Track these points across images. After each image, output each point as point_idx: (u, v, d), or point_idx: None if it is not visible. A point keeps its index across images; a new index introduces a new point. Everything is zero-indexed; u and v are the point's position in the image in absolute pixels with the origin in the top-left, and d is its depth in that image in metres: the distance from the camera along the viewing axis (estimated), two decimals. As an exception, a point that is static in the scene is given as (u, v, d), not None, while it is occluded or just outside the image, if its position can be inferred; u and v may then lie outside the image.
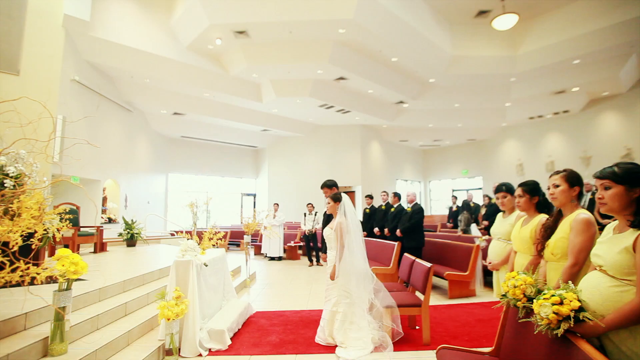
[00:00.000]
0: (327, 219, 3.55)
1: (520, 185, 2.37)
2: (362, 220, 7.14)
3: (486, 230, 5.85)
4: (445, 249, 5.16)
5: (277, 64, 10.00)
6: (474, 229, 6.27)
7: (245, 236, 5.50)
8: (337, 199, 3.08)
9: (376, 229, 6.43)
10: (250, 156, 17.05)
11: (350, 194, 15.95)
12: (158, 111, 11.88)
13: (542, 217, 2.20)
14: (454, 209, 8.94)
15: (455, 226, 7.68)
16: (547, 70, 11.40)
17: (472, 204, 7.34)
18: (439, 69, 11.29)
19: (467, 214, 6.04)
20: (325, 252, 3.27)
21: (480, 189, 16.80)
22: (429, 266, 3.12)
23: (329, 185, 3.79)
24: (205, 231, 3.98)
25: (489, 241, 3.96)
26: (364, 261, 2.88)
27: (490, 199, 6.90)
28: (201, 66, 9.82)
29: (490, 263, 2.63)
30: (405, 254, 3.78)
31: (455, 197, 9.53)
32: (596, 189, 1.57)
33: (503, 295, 1.77)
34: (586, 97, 13.00)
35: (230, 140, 15.38)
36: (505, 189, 2.64)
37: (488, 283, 5.08)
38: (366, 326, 2.76)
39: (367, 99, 12.88)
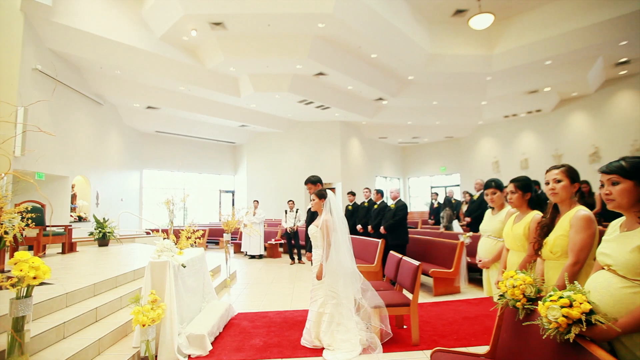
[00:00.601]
0: (311, 216, 3.43)
1: (513, 181, 2.32)
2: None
3: (469, 227, 5.90)
4: (429, 246, 5.15)
5: (255, 58, 9.75)
6: (456, 226, 6.32)
7: (224, 234, 5.29)
8: (322, 195, 2.97)
9: (359, 226, 6.37)
10: (228, 152, 16.67)
11: (331, 190, 15.90)
12: (131, 105, 11.36)
13: (536, 214, 2.17)
14: (435, 205, 8.98)
15: (437, 223, 7.72)
16: (521, 70, 11.71)
17: (453, 201, 7.40)
18: (417, 67, 11.37)
19: (449, 210, 6.07)
20: (309, 250, 3.15)
21: (458, 185, 17.15)
22: (417, 264, 3.06)
23: (313, 181, 3.66)
24: (183, 229, 3.77)
25: (473, 238, 3.96)
26: (351, 260, 2.78)
27: (471, 195, 6.98)
28: (176, 58, 9.44)
29: (480, 261, 2.58)
30: (391, 252, 3.71)
31: (437, 194, 9.62)
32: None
33: (501, 295, 1.70)
34: (557, 97, 13.45)
35: (208, 136, 14.97)
36: (494, 185, 2.59)
37: (472, 280, 5.16)
38: (354, 327, 2.66)
39: (346, 95, 12.82)
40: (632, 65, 11.87)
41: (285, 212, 8.22)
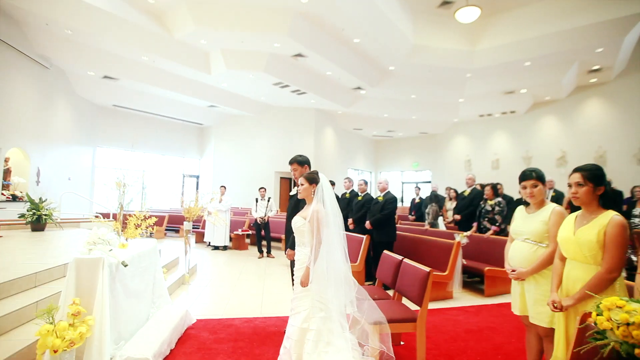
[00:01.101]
0: (296, 205, 2.89)
1: (579, 170, 1.81)
2: None
3: (457, 225, 5.54)
4: (418, 245, 4.63)
5: (230, 31, 8.88)
6: (441, 223, 5.96)
7: (185, 223, 4.59)
8: (313, 180, 2.38)
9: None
10: (194, 134, 15.57)
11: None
12: (84, 72, 10.08)
13: (615, 216, 1.69)
14: (417, 200, 8.60)
15: (419, 219, 7.35)
16: (501, 69, 11.61)
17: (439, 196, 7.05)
18: (399, 57, 10.96)
19: (435, 206, 5.67)
20: (292, 247, 2.57)
21: (429, 182, 17.10)
22: (428, 271, 2.53)
23: (301, 161, 3.02)
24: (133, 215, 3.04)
25: (470, 238, 3.54)
26: (346, 262, 2.21)
27: (457, 192, 6.65)
28: (139, 23, 8.38)
29: (513, 271, 2.08)
30: (388, 253, 3.18)
31: (419, 188, 9.27)
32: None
33: (598, 333, 1.21)
34: (531, 99, 13.58)
35: (173, 115, 13.82)
36: (535, 175, 2.07)
37: (467, 284, 4.77)
38: (347, 348, 2.11)
39: (324, 81, 12.20)
40: (602, 74, 12.13)
41: (256, 200, 7.52)
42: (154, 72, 10.37)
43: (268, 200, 7.33)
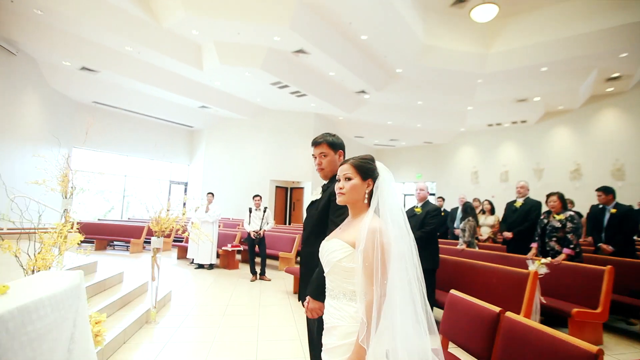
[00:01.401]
0: (322, 217, 1.80)
1: None
2: None
3: (505, 245, 4.49)
4: (466, 274, 3.47)
5: (225, 21, 7.95)
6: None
7: (153, 239, 3.41)
8: (367, 171, 1.38)
9: None
10: (184, 137, 14.50)
11: (298, 190, 14.30)
12: (58, 61, 9.00)
13: None
14: (442, 214, 7.48)
15: (443, 236, 6.21)
16: (515, 75, 10.84)
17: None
18: (408, 58, 10.13)
19: (472, 221, 4.63)
20: (316, 297, 1.56)
21: (433, 194, 16.18)
22: (497, 311, 1.59)
23: (333, 143, 1.93)
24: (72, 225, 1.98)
25: (550, 266, 2.56)
26: (422, 333, 1.24)
27: (491, 203, 5.68)
28: (122, 6, 7.40)
29: None
30: (455, 293, 2.14)
31: (442, 199, 8.21)
32: None
33: None
34: (543, 108, 12.84)
35: (160, 115, 12.76)
36: None
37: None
38: None
39: (326, 82, 11.30)
40: (620, 83, 11.44)
41: (250, 210, 6.31)
42: (139, 65, 9.34)
43: (264, 211, 6.22)
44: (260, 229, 6.06)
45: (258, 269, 6.12)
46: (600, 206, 4.27)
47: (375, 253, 1.19)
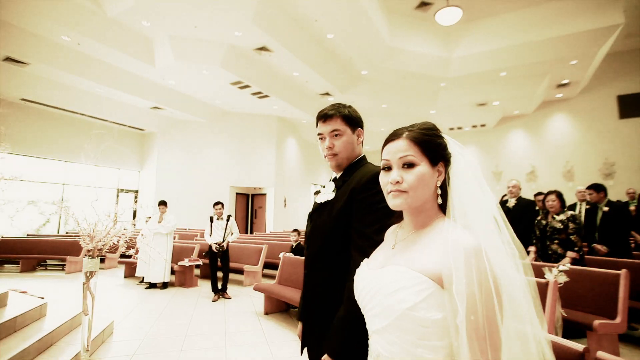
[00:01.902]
0: (340, 221, 1.24)
1: None
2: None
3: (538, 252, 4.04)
4: None
5: (180, 12, 7.25)
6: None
7: (85, 260, 2.51)
8: (437, 148, 0.89)
9: None
10: (134, 141, 13.28)
11: (260, 197, 13.62)
12: (-23, 52, 7.72)
13: None
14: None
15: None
16: (476, 79, 11.09)
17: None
18: (374, 60, 9.97)
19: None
20: (322, 350, 1.10)
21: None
22: (581, 350, 1.22)
23: (350, 117, 1.40)
24: None
25: (569, 274, 2.24)
26: None
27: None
28: (56, -11, 6.44)
29: None
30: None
31: None
32: None
33: None
34: (501, 113, 13.28)
35: (106, 117, 11.54)
36: None
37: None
38: None
39: (290, 83, 10.83)
40: (568, 89, 12.10)
41: (211, 220, 5.56)
42: (79, 58, 8.28)
43: (227, 220, 5.55)
44: (224, 241, 5.36)
45: (220, 285, 5.41)
46: (588, 206, 4.15)
47: (485, 295, 0.70)
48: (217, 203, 5.53)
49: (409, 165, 0.86)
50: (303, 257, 4.42)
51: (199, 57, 8.59)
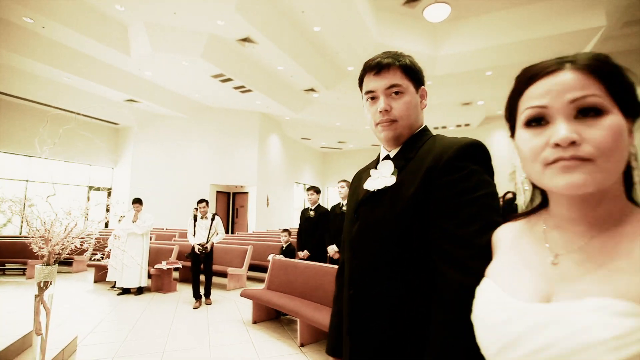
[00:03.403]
0: (410, 216, 0.81)
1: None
2: (299, 230, 4.61)
3: None
4: None
5: (158, -4, 6.75)
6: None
7: (38, 267, 2.11)
8: (633, 94, 0.49)
9: (331, 248, 3.98)
10: (107, 136, 12.55)
11: (242, 195, 13.17)
12: None
13: None
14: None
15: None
16: (462, 78, 11.04)
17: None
18: (361, 56, 9.72)
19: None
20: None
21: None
22: None
23: (412, 69, 0.99)
24: None
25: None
26: None
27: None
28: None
29: None
30: None
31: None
32: None
33: None
34: (484, 113, 13.34)
35: (76, 109, 10.78)
36: None
37: None
38: None
39: (274, 78, 10.44)
40: (551, 90, 12.24)
41: (194, 218, 5.04)
42: (43, 43, 7.61)
43: (212, 219, 5.09)
44: (208, 242, 4.94)
45: (203, 290, 4.99)
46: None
47: None
48: (201, 200, 5.09)
49: (596, 112, 0.50)
50: (296, 260, 4.11)
51: (178, 47, 8.09)
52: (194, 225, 4.99)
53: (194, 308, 4.79)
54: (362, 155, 17.32)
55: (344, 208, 4.00)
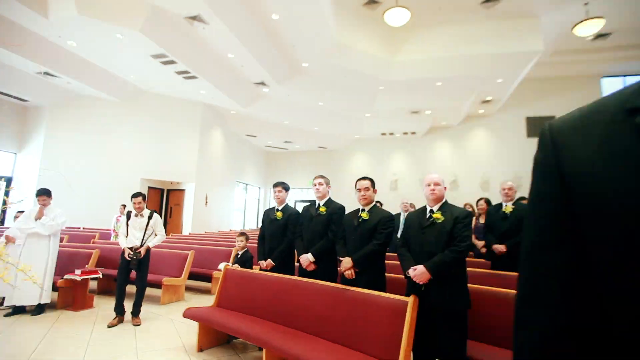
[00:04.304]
0: None
1: None
2: (260, 234, 3.87)
3: (492, 261, 3.64)
4: (491, 308, 2.39)
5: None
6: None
7: None
8: None
9: (305, 258, 3.15)
10: (11, 114, 10.49)
11: (177, 193, 11.96)
12: None
13: None
14: (480, 220, 5.65)
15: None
16: (413, 86, 11.15)
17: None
18: (317, 52, 9.35)
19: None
20: None
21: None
22: None
23: None
24: None
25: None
26: None
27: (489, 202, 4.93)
28: None
29: None
30: None
31: (380, 203, 6.82)
32: None
33: None
34: (430, 122, 13.74)
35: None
36: None
37: None
38: None
39: (223, 66, 9.58)
40: (489, 106, 13.00)
41: (128, 216, 4.15)
42: None
43: (150, 218, 4.12)
44: (142, 245, 4.00)
45: (131, 308, 3.99)
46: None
47: None
48: (136, 194, 4.08)
49: None
50: (255, 270, 3.39)
51: (112, 15, 6.91)
52: (127, 224, 4.03)
53: (109, 326, 3.78)
54: (308, 157, 16.90)
55: (322, 209, 3.44)
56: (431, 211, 2.50)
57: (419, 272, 2.31)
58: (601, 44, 11.48)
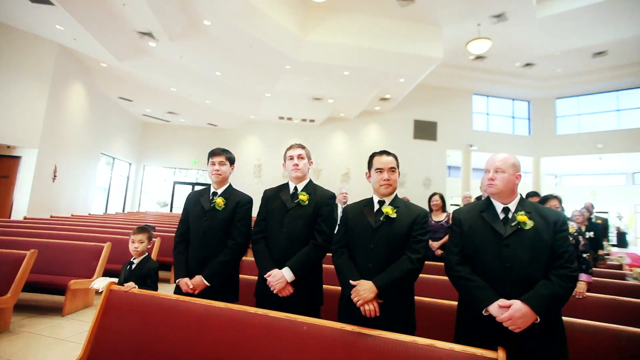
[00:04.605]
0: None
1: None
2: (180, 231, 2.41)
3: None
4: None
5: None
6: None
7: None
8: None
9: (276, 274, 2.02)
10: None
11: (10, 160, 8.92)
12: None
13: None
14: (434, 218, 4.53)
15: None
16: (320, 70, 10.79)
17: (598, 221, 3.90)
18: (223, 10, 8.08)
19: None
20: None
21: (204, 185, 14.22)
22: None
23: None
24: None
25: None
26: None
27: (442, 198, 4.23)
28: None
29: None
30: None
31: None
32: None
33: None
34: (329, 112, 13.64)
35: None
36: None
37: None
38: None
39: (101, 1, 7.31)
40: (386, 104, 13.64)
41: None
42: None
43: None
44: None
45: None
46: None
47: None
48: None
49: None
50: (166, 294, 2.05)
51: None
52: None
53: None
54: (194, 134, 14.93)
55: (302, 197, 2.23)
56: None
57: (518, 314, 1.46)
58: (478, 64, 13.15)
